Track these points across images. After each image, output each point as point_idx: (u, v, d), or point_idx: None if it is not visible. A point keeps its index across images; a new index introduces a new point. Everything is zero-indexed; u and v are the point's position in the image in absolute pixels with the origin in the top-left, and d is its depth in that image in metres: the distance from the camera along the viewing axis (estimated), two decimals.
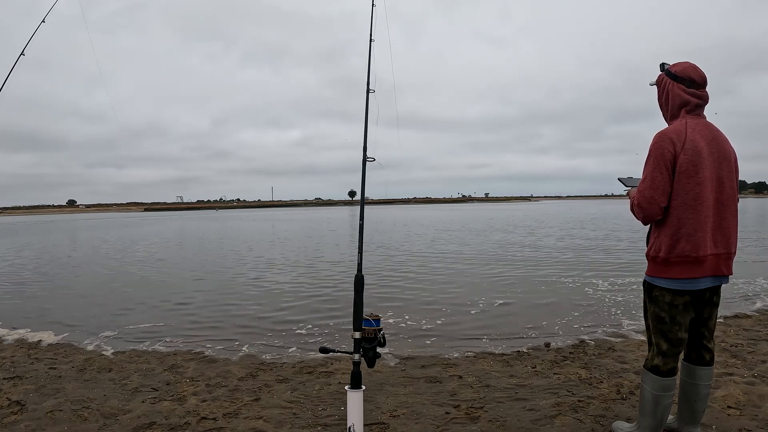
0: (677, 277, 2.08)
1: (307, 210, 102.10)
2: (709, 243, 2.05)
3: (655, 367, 2.18)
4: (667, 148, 2.07)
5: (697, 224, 2.03)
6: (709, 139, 2.09)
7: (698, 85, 2.16)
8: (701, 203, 2.03)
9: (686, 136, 2.05)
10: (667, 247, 2.07)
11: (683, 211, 2.04)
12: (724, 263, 2.12)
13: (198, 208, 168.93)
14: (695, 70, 2.17)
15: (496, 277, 8.45)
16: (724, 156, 2.12)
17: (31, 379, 3.64)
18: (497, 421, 2.74)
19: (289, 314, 6.08)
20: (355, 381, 2.05)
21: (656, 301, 2.17)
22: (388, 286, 7.91)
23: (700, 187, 2.03)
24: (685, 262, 2.06)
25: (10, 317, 6.13)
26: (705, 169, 2.04)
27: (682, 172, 2.04)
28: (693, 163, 2.03)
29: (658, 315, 2.17)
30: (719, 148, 2.11)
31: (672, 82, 2.19)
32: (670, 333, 2.15)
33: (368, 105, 2.57)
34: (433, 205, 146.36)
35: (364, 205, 2.41)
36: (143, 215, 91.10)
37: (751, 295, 6.38)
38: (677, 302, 2.12)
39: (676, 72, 2.19)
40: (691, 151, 2.04)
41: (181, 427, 2.76)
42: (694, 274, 2.06)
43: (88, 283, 9.28)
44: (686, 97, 2.14)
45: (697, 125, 2.11)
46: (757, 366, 3.48)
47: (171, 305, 6.82)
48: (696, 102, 2.15)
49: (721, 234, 2.10)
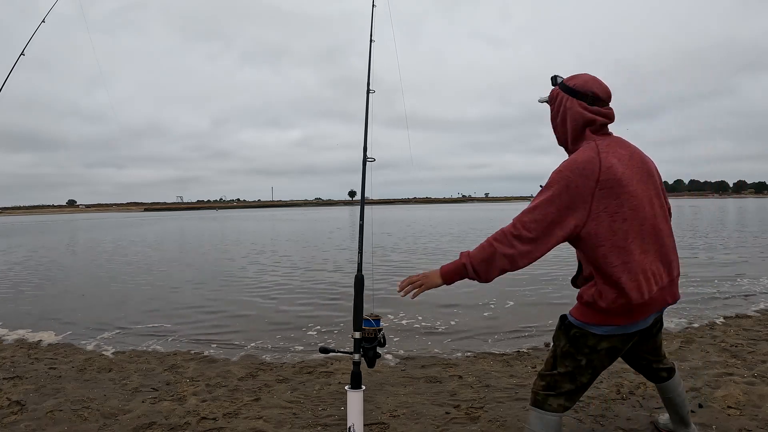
0: (617, 324, 1.73)
1: (307, 210, 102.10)
2: (652, 280, 1.71)
3: (545, 404, 1.82)
4: (575, 180, 1.66)
5: (635, 267, 1.68)
6: (627, 159, 1.75)
7: (602, 102, 1.81)
8: (633, 240, 1.68)
9: (601, 165, 1.67)
10: (612, 297, 1.70)
11: (618, 255, 1.67)
12: (668, 293, 1.80)
13: (198, 208, 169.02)
14: (597, 83, 1.83)
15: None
16: (647, 172, 1.80)
17: (31, 379, 3.64)
18: (497, 421, 2.74)
19: (289, 314, 6.08)
20: (355, 381, 2.05)
21: (575, 342, 1.79)
22: (388, 286, 7.91)
23: (629, 223, 1.68)
24: (625, 311, 1.71)
25: (10, 317, 6.12)
26: (631, 197, 1.68)
27: (603, 211, 1.66)
28: (614, 197, 1.66)
29: (573, 356, 1.79)
30: (639, 165, 1.78)
31: (570, 99, 1.83)
32: (580, 377, 1.79)
33: (369, 105, 2.58)
34: (433, 205, 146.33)
35: (364, 205, 2.41)
36: (143, 215, 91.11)
37: (752, 295, 6.37)
38: (601, 347, 1.76)
39: (576, 86, 1.83)
40: (609, 183, 1.66)
41: (181, 427, 2.76)
42: (638, 317, 1.74)
43: (88, 283, 9.28)
44: (589, 116, 1.79)
45: (609, 146, 1.75)
46: (757, 366, 3.48)
47: (171, 305, 6.82)
48: (602, 121, 1.81)
49: (663, 262, 1.76)
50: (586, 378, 1.79)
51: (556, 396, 1.80)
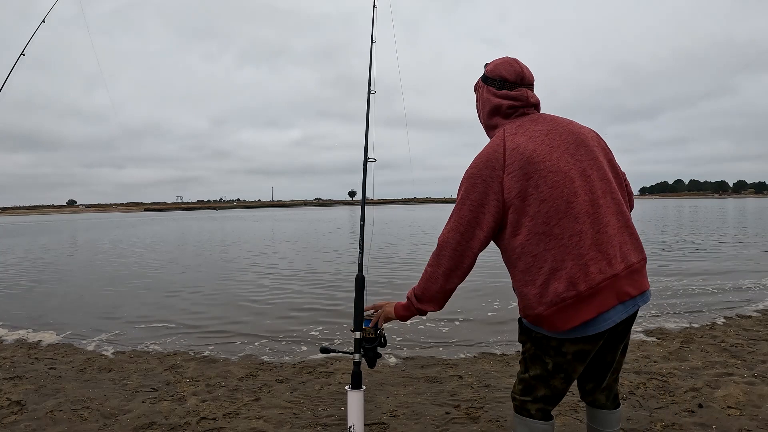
0: (565, 328, 1.48)
1: (307, 210, 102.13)
2: (593, 268, 1.44)
3: (523, 409, 1.64)
4: (482, 175, 1.53)
5: (562, 252, 1.45)
6: (544, 133, 1.55)
7: (511, 84, 1.64)
8: (558, 222, 1.46)
9: (505, 148, 1.52)
10: (536, 299, 1.48)
11: (537, 243, 1.47)
12: (628, 283, 1.49)
13: (198, 208, 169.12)
14: (507, 65, 1.66)
15: (496, 274, 8.54)
16: (577, 142, 1.56)
17: (31, 379, 3.64)
18: (497, 421, 2.74)
19: (289, 314, 6.08)
20: (356, 381, 2.05)
21: (539, 344, 1.58)
22: (389, 286, 7.91)
23: (549, 203, 1.47)
24: (568, 307, 1.45)
25: (10, 317, 6.12)
26: (548, 173, 1.48)
27: (517, 196, 1.48)
28: (526, 177, 1.48)
29: (540, 359, 1.58)
30: (564, 135, 1.56)
31: (483, 86, 1.70)
32: (552, 380, 1.58)
33: (369, 105, 2.57)
34: (433, 205, 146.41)
35: (364, 205, 2.41)
36: (143, 215, 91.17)
37: (752, 295, 6.38)
38: (567, 350, 1.53)
39: (486, 72, 1.69)
40: (518, 164, 1.49)
41: (181, 427, 2.76)
42: (588, 315, 1.45)
43: (88, 283, 9.28)
44: (495, 100, 1.64)
45: (520, 126, 1.58)
46: (757, 366, 3.48)
47: (171, 305, 6.82)
48: (508, 104, 1.62)
49: (611, 245, 1.48)
50: (558, 382, 1.59)
51: (533, 401, 1.62)
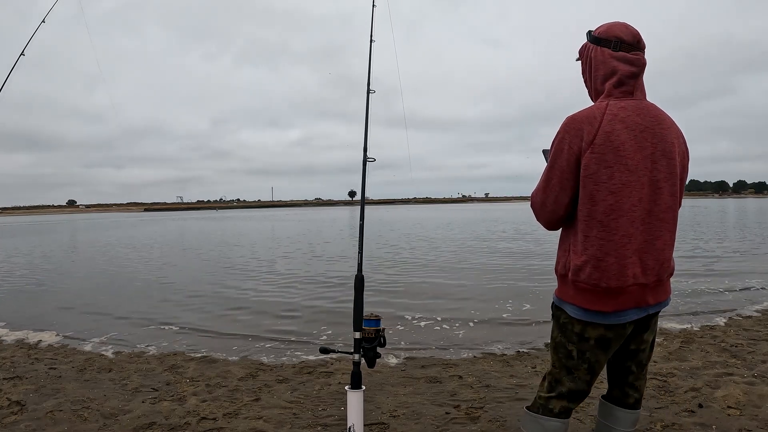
0: (586, 308, 1.57)
1: (307, 210, 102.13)
2: (629, 271, 1.51)
3: (546, 407, 1.68)
4: (569, 140, 1.54)
5: (609, 247, 1.50)
6: (641, 129, 1.53)
7: (629, 46, 1.59)
8: (617, 218, 1.49)
9: (600, 127, 1.50)
10: (575, 268, 1.56)
11: (590, 227, 1.52)
12: (651, 293, 1.58)
13: (198, 208, 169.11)
14: (623, 26, 1.62)
15: (496, 276, 8.51)
16: (662, 151, 1.54)
17: (31, 379, 3.64)
18: (497, 421, 2.74)
19: (289, 314, 6.08)
20: (355, 381, 2.05)
21: (564, 330, 1.66)
22: (390, 285, 7.91)
23: (616, 197, 1.49)
24: (593, 292, 1.54)
25: (10, 317, 6.13)
26: (627, 171, 1.49)
27: (589, 176, 1.51)
28: (605, 165, 1.49)
29: (565, 346, 1.66)
30: (656, 140, 1.54)
31: (595, 48, 1.65)
32: (576, 371, 1.64)
33: (369, 105, 2.58)
34: (434, 205, 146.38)
35: (364, 205, 2.41)
36: (143, 215, 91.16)
37: (752, 295, 6.38)
38: (589, 335, 1.60)
39: (600, 34, 1.64)
40: (604, 148, 1.49)
41: (181, 427, 2.76)
42: (606, 307, 1.55)
43: (88, 283, 9.28)
44: (613, 63, 1.59)
45: (622, 110, 1.53)
46: (757, 366, 3.48)
47: (171, 305, 6.83)
48: (626, 70, 1.57)
49: (653, 257, 1.54)
50: (582, 373, 1.64)
51: (557, 397, 1.67)
